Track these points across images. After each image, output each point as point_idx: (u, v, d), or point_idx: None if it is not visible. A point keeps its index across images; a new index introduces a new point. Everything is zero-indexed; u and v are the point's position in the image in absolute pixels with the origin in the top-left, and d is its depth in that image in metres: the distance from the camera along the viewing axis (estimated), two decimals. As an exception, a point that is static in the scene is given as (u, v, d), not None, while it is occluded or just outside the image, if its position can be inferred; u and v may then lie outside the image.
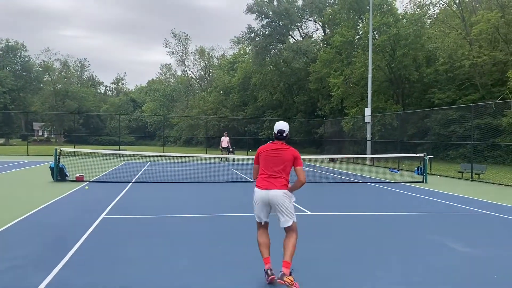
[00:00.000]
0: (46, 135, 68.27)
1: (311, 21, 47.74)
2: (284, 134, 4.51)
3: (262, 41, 45.12)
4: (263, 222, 4.49)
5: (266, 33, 45.59)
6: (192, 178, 14.57)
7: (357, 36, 34.26)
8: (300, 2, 45.41)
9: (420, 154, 16.46)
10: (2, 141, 51.84)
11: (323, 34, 46.35)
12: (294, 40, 47.16)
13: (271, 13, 44.41)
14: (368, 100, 26.29)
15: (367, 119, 25.56)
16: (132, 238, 6.21)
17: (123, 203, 9.24)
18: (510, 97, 23.94)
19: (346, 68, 33.22)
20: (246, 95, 51.64)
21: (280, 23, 44.95)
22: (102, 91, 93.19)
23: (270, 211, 4.46)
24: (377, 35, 30.98)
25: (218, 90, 56.01)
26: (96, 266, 4.84)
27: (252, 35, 46.75)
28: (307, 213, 8.49)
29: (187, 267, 4.86)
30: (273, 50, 46.27)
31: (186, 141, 58.65)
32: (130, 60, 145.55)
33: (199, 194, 11.17)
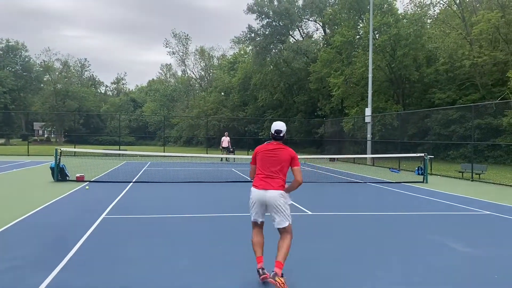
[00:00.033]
0: (46, 135, 68.31)
1: (312, 21, 47.79)
2: (281, 134, 4.49)
3: (263, 41, 45.13)
4: (259, 222, 4.50)
5: (267, 33, 45.60)
6: (192, 178, 14.57)
7: (357, 36, 34.26)
8: (300, 2, 45.44)
9: (420, 154, 16.46)
10: (2, 141, 51.87)
11: (324, 34, 46.36)
12: (294, 40, 47.17)
13: (272, 13, 44.42)
14: (368, 100, 26.30)
15: (368, 119, 25.56)
16: (132, 238, 6.21)
17: (124, 203, 9.24)
18: (511, 97, 23.95)
19: (347, 68, 33.22)
20: (246, 95, 51.66)
21: (280, 23, 44.96)
22: (103, 91, 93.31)
23: (266, 211, 4.46)
24: (377, 35, 30.98)
25: (219, 91, 55.99)
26: (96, 266, 4.84)
27: (252, 35, 46.78)
28: (308, 213, 8.47)
29: (187, 267, 4.86)
30: (273, 50, 46.28)
31: (187, 141, 58.68)
32: (130, 60, 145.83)
33: (200, 194, 11.17)
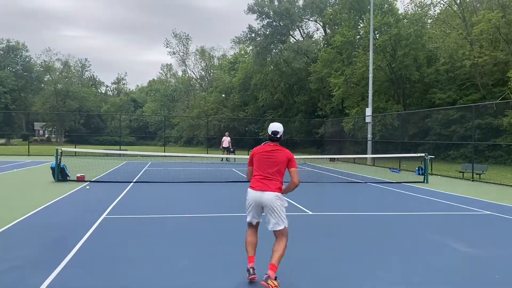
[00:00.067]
0: (47, 135, 68.33)
1: (312, 21, 47.81)
2: (278, 136, 4.46)
3: (263, 41, 45.15)
4: (254, 223, 4.51)
5: (267, 33, 45.61)
6: (193, 178, 14.57)
7: (358, 36, 34.26)
8: (300, 2, 45.45)
9: (421, 154, 16.46)
10: (3, 141, 51.91)
11: (324, 34, 46.36)
12: (294, 40, 47.19)
13: (272, 13, 44.42)
14: (369, 100, 26.30)
15: (368, 119, 25.55)
16: (133, 238, 6.22)
17: (124, 203, 9.25)
18: (511, 97, 23.93)
19: (347, 68, 33.21)
20: (246, 95, 51.67)
21: (280, 23, 44.97)
22: (103, 91, 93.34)
23: (262, 212, 4.45)
24: (378, 35, 30.97)
25: (220, 91, 55.97)
26: (97, 266, 4.85)
27: (252, 35, 46.80)
28: (308, 213, 8.48)
29: (188, 267, 4.87)
30: (273, 50, 46.29)
31: (187, 141, 58.69)
32: (131, 60, 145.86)
33: (200, 194, 11.18)
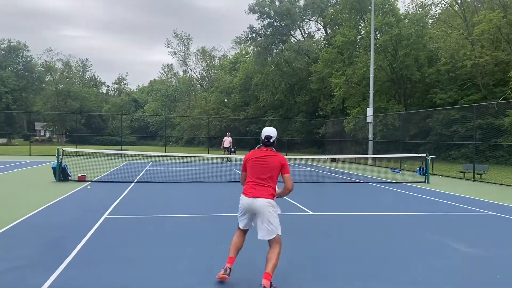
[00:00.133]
0: (48, 135, 68.40)
1: (313, 21, 47.82)
2: (271, 140, 4.41)
3: (264, 41, 45.15)
4: (245, 229, 4.47)
5: (268, 33, 45.62)
6: (193, 178, 14.57)
7: (358, 36, 34.26)
8: (301, 2, 45.48)
9: (422, 154, 16.44)
10: (4, 141, 51.98)
11: (325, 34, 46.35)
12: (295, 40, 47.18)
13: (273, 13, 44.43)
14: (370, 100, 26.28)
15: (369, 119, 25.54)
16: (134, 238, 6.23)
17: (125, 203, 9.25)
18: (512, 97, 23.93)
19: (348, 68, 33.20)
20: (247, 95, 51.68)
21: (281, 23, 44.97)
22: (104, 91, 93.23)
23: (253, 219, 4.37)
24: (379, 35, 30.97)
25: (221, 91, 55.97)
26: (98, 266, 4.85)
27: (253, 35, 46.82)
28: (309, 213, 8.49)
29: (188, 267, 4.86)
30: (274, 50, 46.29)
31: (188, 141, 58.70)
32: (131, 60, 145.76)
33: (201, 194, 11.18)
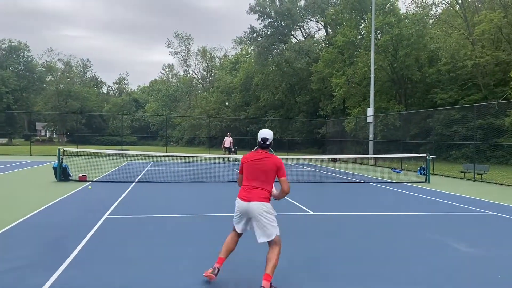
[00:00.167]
0: (48, 135, 68.45)
1: (313, 21, 47.84)
2: (267, 142, 4.41)
3: (264, 41, 45.17)
4: (240, 231, 4.45)
5: (268, 33, 45.63)
6: (194, 178, 14.59)
7: (359, 36, 34.26)
8: (302, 2, 45.49)
9: (422, 154, 16.43)
10: (5, 141, 52.00)
11: (325, 34, 46.36)
12: (296, 40, 47.19)
13: (274, 13, 44.44)
14: (370, 100, 26.29)
15: (370, 119, 25.54)
16: (134, 238, 6.24)
17: (126, 203, 9.27)
18: (513, 97, 23.92)
19: (349, 68, 33.21)
20: (248, 95, 51.69)
21: (282, 23, 44.98)
22: (105, 91, 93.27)
23: (249, 223, 4.37)
24: (379, 35, 30.97)
25: (221, 91, 55.99)
26: (99, 266, 4.87)
27: (254, 35, 46.82)
28: (310, 213, 8.50)
29: (189, 267, 4.87)
30: (275, 50, 46.31)
31: (189, 141, 58.74)
32: (132, 60, 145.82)
33: (202, 194, 11.19)
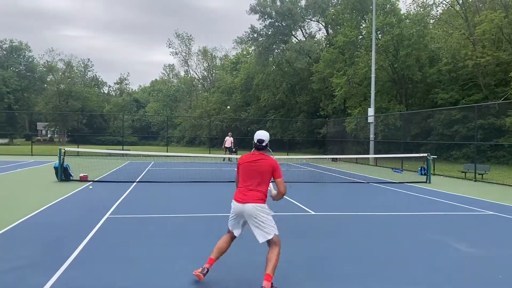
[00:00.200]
0: (49, 135, 68.50)
1: (314, 21, 47.83)
2: (263, 144, 4.40)
3: (265, 41, 45.17)
4: (234, 232, 4.44)
5: (269, 33, 45.64)
6: (195, 178, 14.60)
7: (360, 36, 34.26)
8: (303, 2, 45.47)
9: (423, 154, 16.42)
10: (6, 141, 52.00)
11: (326, 34, 46.36)
12: (297, 40, 47.18)
13: (274, 13, 44.45)
14: (371, 100, 26.28)
15: (370, 119, 25.53)
16: (135, 237, 6.25)
17: (127, 203, 9.28)
18: (514, 97, 23.90)
19: (349, 68, 33.21)
20: (248, 95, 51.71)
21: (283, 23, 44.98)
22: (106, 91, 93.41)
23: (245, 226, 4.37)
24: (380, 35, 30.95)
25: (222, 91, 56.01)
26: (100, 266, 4.88)
27: (255, 36, 46.83)
28: (311, 213, 8.51)
29: (189, 267, 4.86)
30: (276, 50, 46.31)
31: (189, 141, 58.76)
32: (133, 60, 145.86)
33: (202, 194, 11.20)
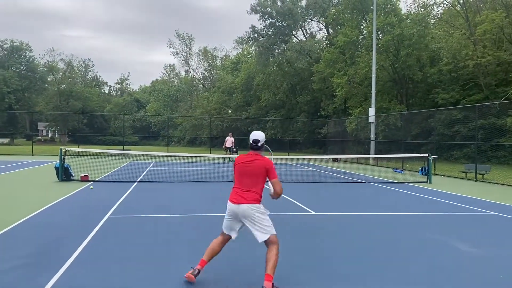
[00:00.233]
0: (50, 135, 68.54)
1: (315, 21, 47.83)
2: (259, 144, 4.39)
3: (266, 41, 45.18)
4: (227, 233, 4.43)
5: (270, 33, 45.65)
6: (196, 178, 14.60)
7: (360, 36, 34.26)
8: (303, 2, 45.47)
9: (424, 154, 16.41)
10: (7, 141, 52.07)
11: (327, 34, 46.35)
12: (297, 40, 47.19)
13: (275, 13, 44.46)
14: (372, 100, 26.27)
15: (371, 119, 25.53)
16: (136, 237, 6.25)
17: (128, 203, 9.29)
18: (515, 97, 23.88)
19: (350, 68, 33.21)
20: (249, 95, 51.73)
21: (283, 23, 44.98)
22: (106, 91, 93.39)
23: (241, 228, 4.37)
24: (380, 35, 30.94)
25: (222, 91, 56.03)
26: (101, 266, 4.88)
27: (255, 36, 46.84)
28: (311, 213, 8.51)
29: (190, 267, 4.86)
30: (276, 50, 46.31)
31: (190, 141, 58.81)
32: (134, 60, 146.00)
33: (203, 193, 11.21)
